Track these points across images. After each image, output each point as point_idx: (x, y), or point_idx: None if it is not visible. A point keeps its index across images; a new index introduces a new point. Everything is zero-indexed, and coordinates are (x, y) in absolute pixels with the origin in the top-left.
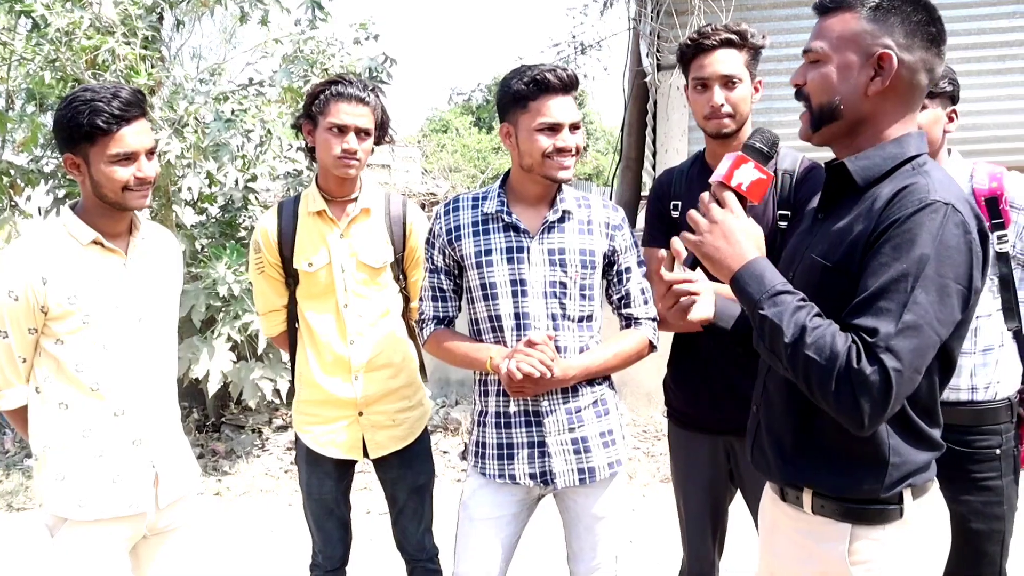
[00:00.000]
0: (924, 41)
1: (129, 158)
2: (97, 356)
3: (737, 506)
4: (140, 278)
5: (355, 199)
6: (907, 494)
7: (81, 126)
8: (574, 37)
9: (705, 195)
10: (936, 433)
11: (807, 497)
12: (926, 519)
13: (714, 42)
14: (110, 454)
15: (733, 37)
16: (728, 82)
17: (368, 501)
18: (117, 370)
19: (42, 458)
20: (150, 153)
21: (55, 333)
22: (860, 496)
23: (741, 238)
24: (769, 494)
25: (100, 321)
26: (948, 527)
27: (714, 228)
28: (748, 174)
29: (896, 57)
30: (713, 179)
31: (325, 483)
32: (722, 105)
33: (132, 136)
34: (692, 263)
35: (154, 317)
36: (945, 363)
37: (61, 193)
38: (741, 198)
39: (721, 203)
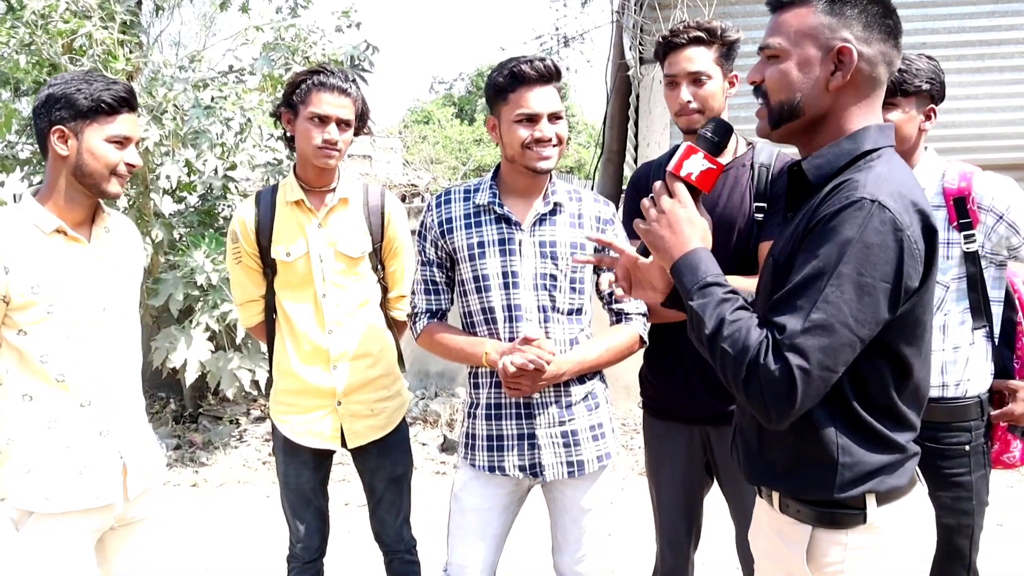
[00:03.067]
0: (882, 34)
1: (122, 143)
2: (62, 346)
3: (713, 499)
4: (104, 267)
5: (334, 189)
6: (870, 499)
7: (88, 99)
8: (557, 29)
9: (658, 184)
10: (902, 436)
11: (775, 495)
12: (898, 527)
13: (683, 40)
14: (77, 445)
15: (702, 35)
16: (696, 79)
17: (346, 493)
18: (83, 360)
19: (5, 451)
20: (136, 145)
21: (18, 324)
22: (815, 497)
23: (685, 228)
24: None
25: (64, 311)
26: (930, 537)
27: (661, 217)
28: (697, 164)
29: (856, 50)
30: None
31: (303, 473)
32: (689, 102)
33: (130, 123)
34: (643, 251)
35: (118, 306)
36: (898, 364)
37: (36, 179)
38: (693, 188)
39: (671, 193)
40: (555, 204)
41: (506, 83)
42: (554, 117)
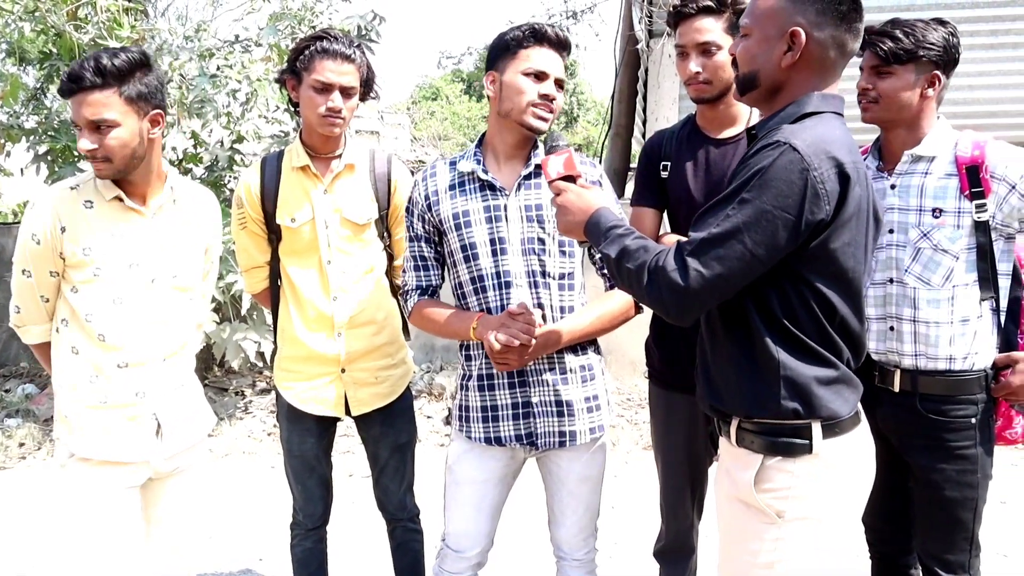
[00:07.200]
0: (834, 19)
1: (86, 128)
2: (106, 308)
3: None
4: (161, 238)
5: (339, 155)
6: (816, 429)
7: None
8: (565, 2)
9: (547, 198)
10: (837, 358)
11: (733, 428)
12: (840, 458)
13: (692, 10)
14: (113, 402)
15: (711, 4)
16: (705, 50)
17: (351, 464)
18: (125, 324)
19: (58, 394)
20: (113, 127)
21: (71, 280)
22: (766, 418)
23: (578, 204)
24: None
25: (112, 276)
26: (869, 471)
27: (559, 213)
28: (556, 164)
29: (805, 34)
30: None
31: (306, 440)
32: (698, 73)
33: (89, 105)
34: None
35: (168, 278)
36: (819, 297)
37: (42, 149)
38: (570, 177)
39: (557, 193)
40: (536, 166)
41: (522, 37)
42: (558, 84)
